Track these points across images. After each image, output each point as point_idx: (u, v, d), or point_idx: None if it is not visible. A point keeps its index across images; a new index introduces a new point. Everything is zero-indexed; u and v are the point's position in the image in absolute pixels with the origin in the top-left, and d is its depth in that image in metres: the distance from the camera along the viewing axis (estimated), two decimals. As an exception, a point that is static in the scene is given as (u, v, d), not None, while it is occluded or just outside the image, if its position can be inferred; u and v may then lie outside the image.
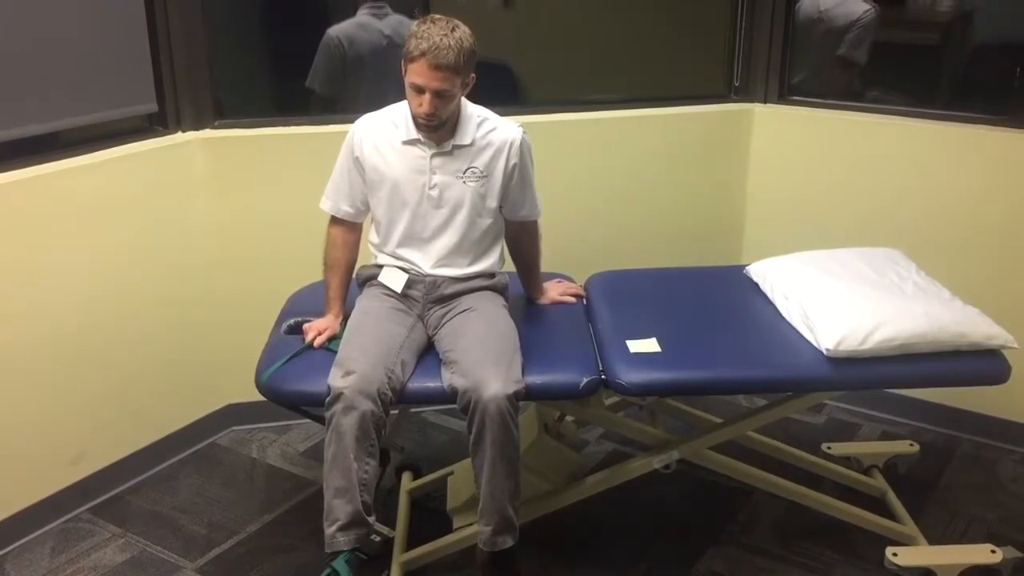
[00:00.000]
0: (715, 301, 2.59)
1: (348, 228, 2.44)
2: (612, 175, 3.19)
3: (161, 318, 2.85)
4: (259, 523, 2.68)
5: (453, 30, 2.15)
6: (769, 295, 2.51)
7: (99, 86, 2.65)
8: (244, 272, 2.97)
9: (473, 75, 2.23)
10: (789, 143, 3.19)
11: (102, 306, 2.69)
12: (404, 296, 2.37)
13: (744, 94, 3.25)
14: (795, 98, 3.20)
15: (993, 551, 2.37)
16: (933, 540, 2.47)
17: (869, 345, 2.18)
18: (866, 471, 2.79)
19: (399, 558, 2.39)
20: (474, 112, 2.33)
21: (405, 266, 2.39)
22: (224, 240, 2.92)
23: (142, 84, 2.75)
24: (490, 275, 2.42)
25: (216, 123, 2.88)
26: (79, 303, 2.64)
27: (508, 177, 2.34)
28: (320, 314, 2.42)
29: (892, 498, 2.64)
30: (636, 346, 2.28)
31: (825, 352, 2.20)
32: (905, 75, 3.25)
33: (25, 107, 2.49)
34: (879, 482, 2.71)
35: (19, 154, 2.49)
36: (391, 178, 2.32)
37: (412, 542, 2.46)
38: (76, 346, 2.65)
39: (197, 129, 2.86)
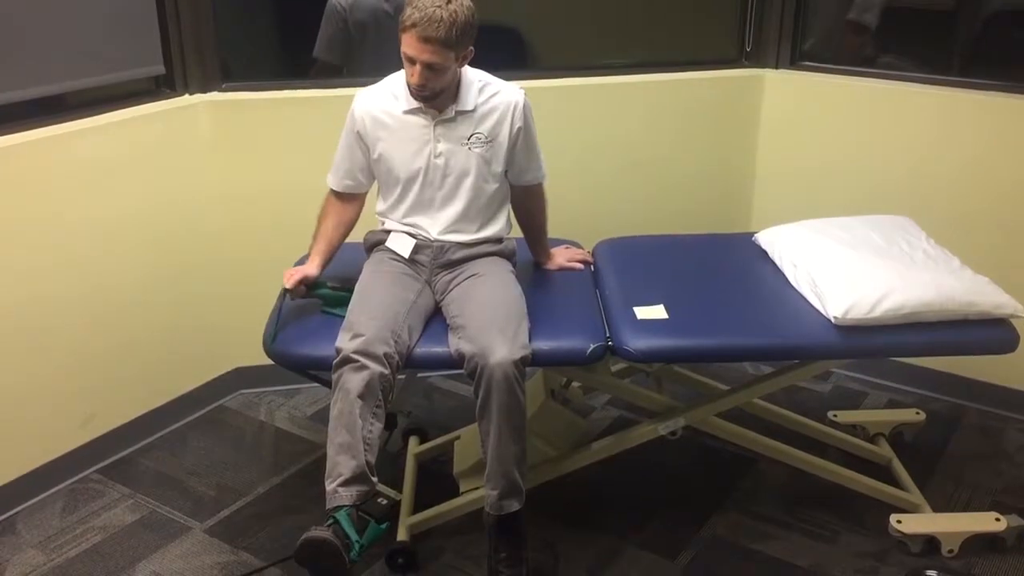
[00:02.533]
0: (723, 268, 2.58)
1: (346, 203, 2.41)
2: (621, 141, 3.17)
3: (169, 281, 2.86)
4: (267, 485, 2.71)
5: (449, 1, 2.10)
6: (777, 263, 2.50)
7: (106, 48, 2.63)
8: (253, 235, 2.97)
9: (471, 48, 2.20)
10: (800, 109, 3.16)
11: (110, 268, 2.70)
12: (411, 261, 2.37)
13: (755, 59, 3.22)
14: (807, 64, 3.16)
15: (997, 519, 2.38)
16: (938, 508, 2.48)
17: (877, 313, 2.17)
18: (872, 439, 2.79)
19: (405, 521, 2.41)
20: (475, 77, 2.31)
21: (413, 231, 2.38)
22: (232, 202, 2.92)
23: (149, 46, 2.73)
24: (498, 240, 2.42)
25: (223, 86, 2.87)
26: (87, 265, 2.64)
27: (513, 141, 2.33)
28: (333, 279, 2.43)
29: (897, 466, 2.64)
30: (643, 313, 2.28)
31: (833, 320, 2.20)
32: (918, 41, 3.21)
33: (31, 68, 2.48)
34: (885, 450, 2.72)
35: (25, 116, 2.48)
36: (396, 150, 2.31)
37: (418, 505, 2.48)
38: (84, 308, 2.66)
39: (204, 91, 2.84)
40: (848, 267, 2.30)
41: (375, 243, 2.44)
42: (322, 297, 2.36)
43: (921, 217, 2.63)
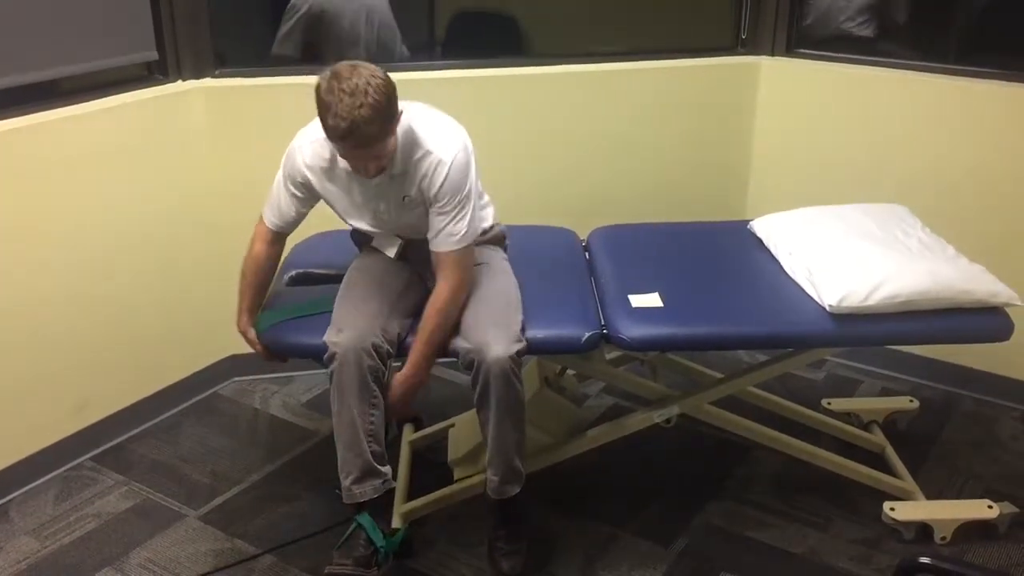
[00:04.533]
0: (718, 256, 2.58)
1: (283, 238, 2.34)
2: (616, 128, 3.16)
3: (163, 267, 2.85)
4: (261, 473, 2.70)
5: (366, 93, 1.90)
6: (773, 251, 2.50)
7: (98, 33, 2.61)
8: (247, 222, 2.94)
9: (400, 112, 2.01)
10: (796, 97, 3.16)
11: (103, 255, 2.69)
12: (400, 258, 2.34)
13: (751, 47, 3.21)
14: (803, 51, 3.15)
15: (990, 506, 2.39)
16: (931, 495, 2.48)
17: (872, 302, 2.17)
18: (865, 427, 2.80)
19: (400, 508, 2.41)
20: (413, 134, 2.10)
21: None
22: (226, 189, 2.90)
23: (142, 31, 2.71)
24: (484, 230, 2.37)
25: (217, 72, 2.85)
26: (80, 252, 2.63)
27: (430, 203, 2.14)
28: (325, 266, 2.44)
29: (891, 454, 2.65)
30: (638, 301, 2.28)
31: (828, 308, 2.20)
32: (916, 27, 3.21)
33: (23, 54, 2.46)
34: (878, 438, 2.72)
35: (17, 102, 2.46)
36: (345, 204, 2.24)
37: (413, 493, 2.49)
38: (77, 296, 2.65)
39: (197, 78, 2.83)
40: (843, 255, 2.30)
41: (361, 240, 2.42)
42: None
43: (917, 205, 2.63)
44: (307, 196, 2.27)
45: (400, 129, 2.05)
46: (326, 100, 1.94)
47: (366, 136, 1.94)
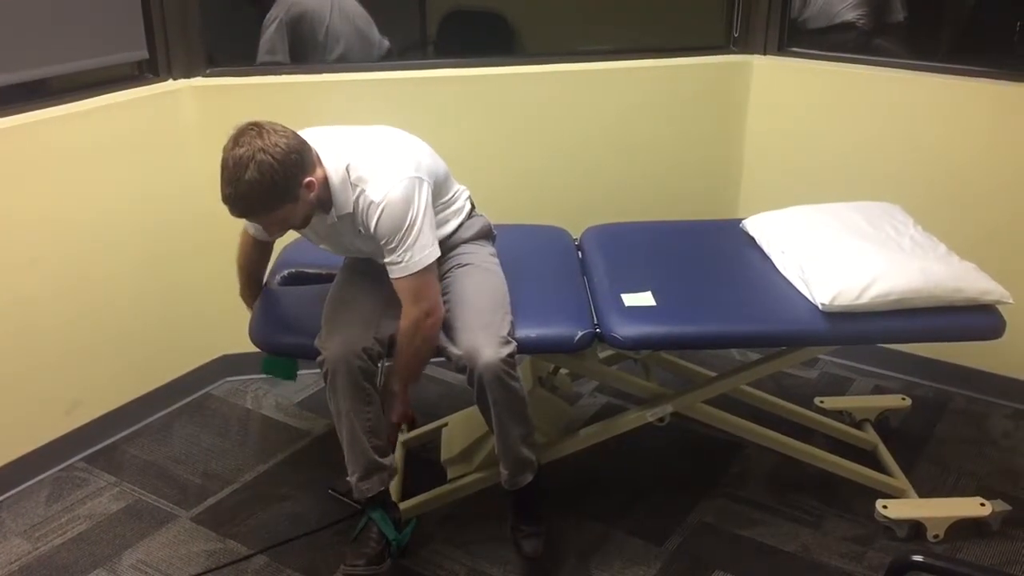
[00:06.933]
0: (711, 255, 2.58)
1: (260, 245, 2.37)
2: (608, 127, 3.16)
3: (154, 268, 2.84)
4: (254, 473, 2.70)
5: (247, 168, 1.90)
6: (765, 249, 2.51)
7: (88, 32, 2.60)
8: (238, 222, 2.94)
9: (308, 180, 1.98)
10: (788, 96, 3.16)
11: (95, 255, 2.68)
12: None
13: (743, 46, 3.21)
14: (795, 50, 3.16)
15: (982, 504, 2.40)
16: (923, 493, 2.49)
17: (864, 300, 2.18)
18: (858, 425, 2.80)
19: (393, 508, 2.41)
20: (352, 175, 2.07)
21: None
22: (216, 189, 2.88)
23: (132, 30, 2.70)
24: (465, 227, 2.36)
25: (207, 71, 2.84)
26: (71, 253, 2.62)
27: (376, 236, 2.12)
28: (318, 265, 2.44)
29: (883, 452, 2.66)
30: (631, 300, 2.28)
31: (820, 307, 2.20)
32: (908, 26, 3.21)
33: (12, 53, 2.44)
34: (871, 436, 2.73)
35: (6, 101, 2.45)
36: (313, 232, 2.23)
37: (407, 492, 2.48)
38: (69, 296, 2.63)
39: (188, 77, 2.82)
40: (836, 254, 2.30)
41: None
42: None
43: (909, 203, 2.63)
44: None
45: (335, 172, 2.06)
46: (222, 159, 1.96)
47: (243, 209, 1.98)
